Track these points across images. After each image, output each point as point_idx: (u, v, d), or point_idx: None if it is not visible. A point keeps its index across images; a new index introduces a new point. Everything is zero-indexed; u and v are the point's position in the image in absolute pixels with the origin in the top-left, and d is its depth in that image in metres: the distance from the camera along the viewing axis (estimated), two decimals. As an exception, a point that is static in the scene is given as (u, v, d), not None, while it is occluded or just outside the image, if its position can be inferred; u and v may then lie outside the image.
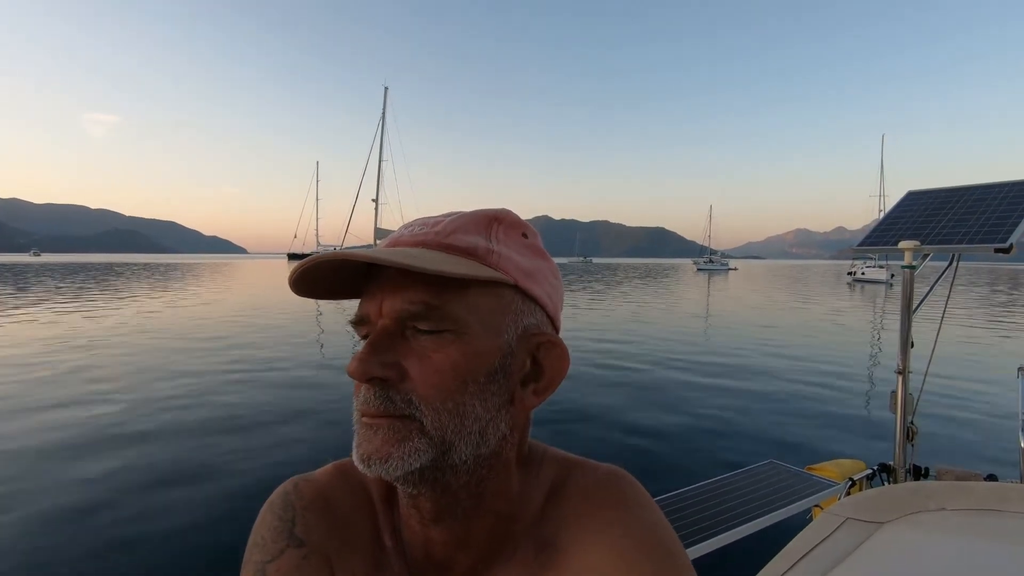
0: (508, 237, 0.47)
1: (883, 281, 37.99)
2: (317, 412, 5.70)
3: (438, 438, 0.41)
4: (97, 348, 9.29)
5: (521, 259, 0.46)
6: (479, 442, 0.43)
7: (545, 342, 0.46)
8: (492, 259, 0.44)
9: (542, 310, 0.47)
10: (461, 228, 0.45)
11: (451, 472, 0.43)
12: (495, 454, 0.45)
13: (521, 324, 0.45)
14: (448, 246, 0.44)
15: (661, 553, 0.43)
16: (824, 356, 9.37)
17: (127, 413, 5.58)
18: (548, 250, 0.51)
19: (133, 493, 3.72)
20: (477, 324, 0.42)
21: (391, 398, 0.41)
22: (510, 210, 0.50)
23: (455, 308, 0.41)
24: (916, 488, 1.19)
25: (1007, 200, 2.50)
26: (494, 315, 0.43)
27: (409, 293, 0.41)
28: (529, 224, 0.51)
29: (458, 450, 0.42)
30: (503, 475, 0.47)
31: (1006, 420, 5.43)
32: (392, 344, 0.42)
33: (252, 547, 0.47)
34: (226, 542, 3.06)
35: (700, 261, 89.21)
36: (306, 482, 0.52)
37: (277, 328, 12.21)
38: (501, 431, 0.45)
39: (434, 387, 0.41)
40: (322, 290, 0.46)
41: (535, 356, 0.46)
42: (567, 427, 5.28)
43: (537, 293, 0.46)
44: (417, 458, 0.41)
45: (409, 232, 0.46)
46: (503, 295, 0.44)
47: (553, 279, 0.49)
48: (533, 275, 0.47)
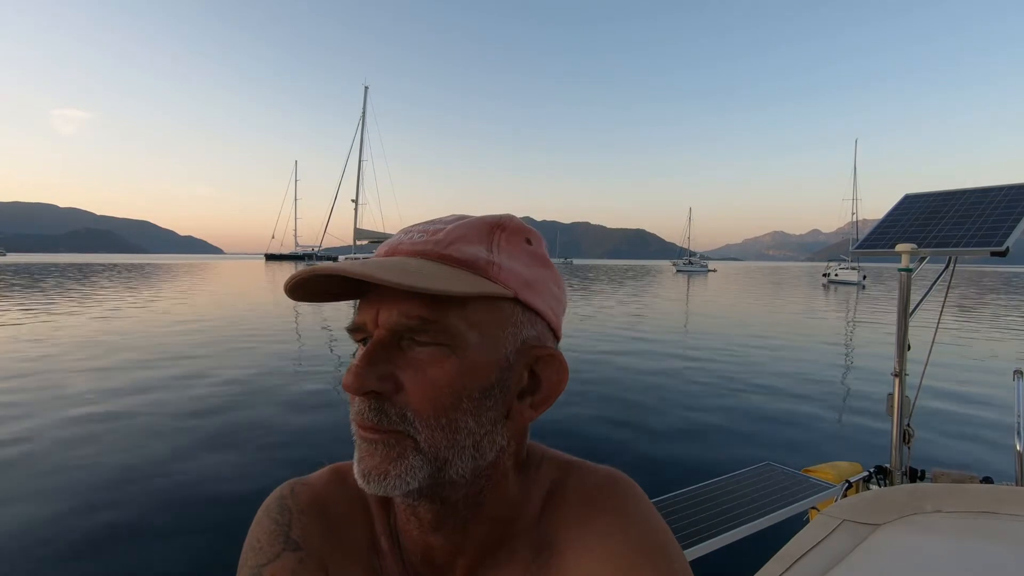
0: (511, 245, 0.46)
1: (855, 283, 39.64)
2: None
3: (432, 455, 0.41)
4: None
5: (523, 269, 0.45)
6: (474, 456, 0.43)
7: (544, 356, 0.45)
8: (492, 271, 0.43)
9: (543, 321, 0.46)
10: (462, 237, 0.44)
11: (450, 487, 0.43)
12: (492, 465, 0.45)
13: (520, 336, 0.44)
14: (447, 257, 0.43)
15: (659, 556, 0.43)
16: (824, 357, 9.39)
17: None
18: None
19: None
20: (475, 338, 0.42)
21: (386, 412, 0.41)
22: (513, 215, 0.49)
23: (452, 322, 0.41)
24: (912, 490, 1.19)
25: (1003, 204, 2.51)
26: (493, 329, 0.43)
27: (406, 306, 0.41)
28: (533, 229, 0.50)
29: (454, 465, 0.42)
30: (501, 483, 0.47)
31: (1002, 423, 5.44)
32: (388, 355, 0.42)
33: (248, 551, 0.47)
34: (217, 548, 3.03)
35: (679, 263, 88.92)
36: (302, 486, 0.52)
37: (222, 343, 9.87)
38: (498, 444, 0.44)
39: (429, 402, 0.41)
40: (318, 296, 0.45)
41: (533, 369, 0.46)
42: (564, 428, 5.28)
43: (538, 304, 0.46)
44: (414, 476, 0.41)
45: (409, 239, 0.45)
46: (503, 308, 0.44)
47: (555, 288, 0.48)
48: (534, 286, 0.46)
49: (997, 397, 6.51)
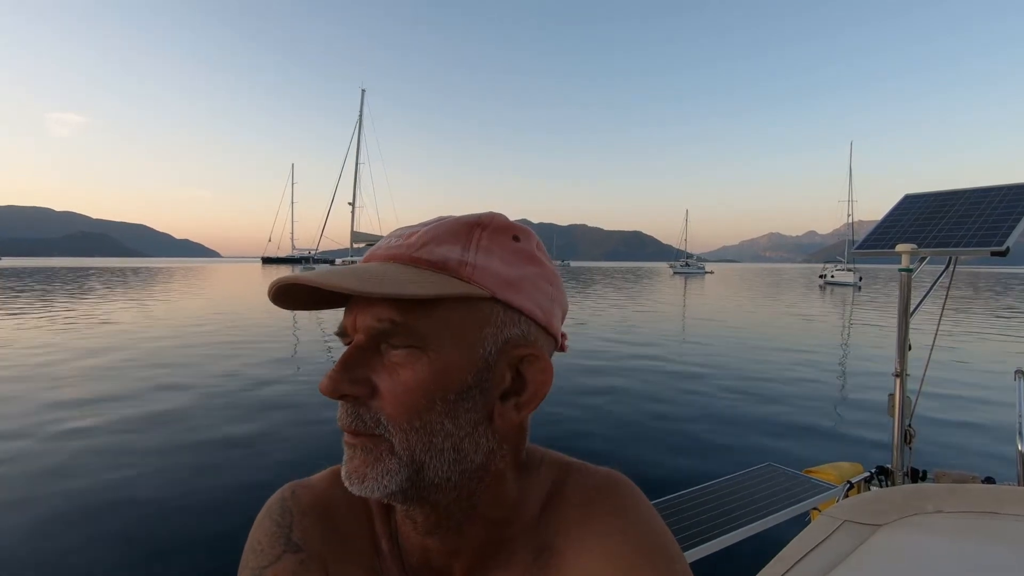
0: (493, 243, 0.45)
1: (851, 284, 40.23)
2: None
3: (408, 458, 0.41)
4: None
5: (504, 268, 0.44)
6: (455, 459, 0.42)
7: (527, 355, 0.44)
8: (465, 271, 0.43)
9: (529, 320, 0.45)
10: (435, 239, 0.44)
11: (434, 490, 0.43)
12: (483, 467, 0.45)
13: (502, 337, 0.44)
14: (418, 260, 0.43)
15: (659, 557, 0.43)
16: (824, 357, 9.39)
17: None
18: None
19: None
20: (448, 340, 0.41)
21: (361, 416, 0.41)
22: (499, 214, 0.48)
23: (423, 324, 0.41)
24: (913, 491, 1.19)
25: (1003, 203, 2.51)
26: (468, 330, 0.42)
27: (376, 310, 0.41)
28: (523, 227, 0.48)
29: (432, 468, 0.42)
30: (496, 486, 0.46)
31: (1004, 423, 5.44)
32: (364, 360, 0.42)
33: (249, 552, 0.47)
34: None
35: (676, 265, 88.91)
36: (303, 488, 0.52)
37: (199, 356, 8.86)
38: (483, 446, 0.44)
39: (402, 405, 0.41)
40: (304, 304, 0.46)
41: (519, 369, 0.45)
42: (561, 429, 5.28)
43: (521, 303, 0.44)
44: (391, 479, 0.41)
45: (386, 244, 0.45)
46: (479, 308, 0.43)
47: (547, 285, 0.47)
48: (517, 284, 0.44)
49: (998, 397, 6.50)
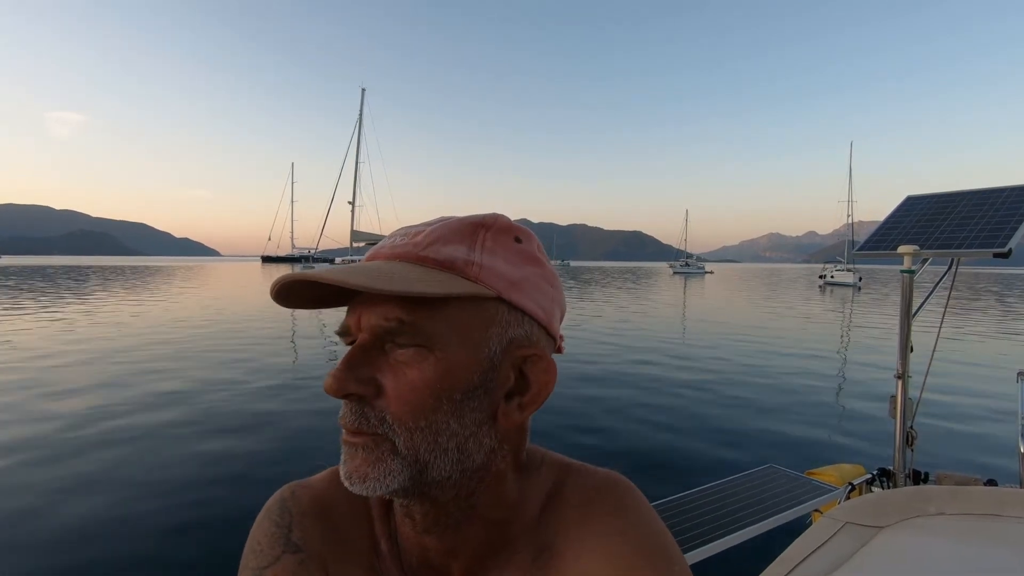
0: (497, 244, 0.45)
1: (851, 284, 40.26)
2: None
3: (411, 458, 0.41)
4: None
5: (508, 268, 0.45)
6: (458, 458, 0.43)
7: (531, 355, 0.45)
8: (472, 271, 0.43)
9: (532, 320, 0.46)
10: (441, 239, 0.44)
11: (436, 488, 0.43)
12: (484, 467, 0.45)
13: (507, 336, 0.44)
14: (425, 259, 0.43)
15: (659, 557, 0.43)
16: (825, 358, 9.37)
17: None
18: None
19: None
20: (455, 339, 0.41)
21: (366, 415, 0.41)
22: (501, 214, 0.48)
23: (431, 324, 0.41)
24: (915, 493, 1.19)
25: (1006, 205, 2.50)
26: (474, 329, 0.42)
27: (383, 309, 0.41)
28: (524, 228, 0.49)
29: (435, 468, 0.42)
30: (496, 486, 0.46)
31: (1006, 425, 5.42)
32: (369, 359, 0.42)
33: (248, 553, 0.47)
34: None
35: (676, 264, 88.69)
36: (303, 488, 0.52)
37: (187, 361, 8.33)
38: (486, 445, 0.44)
39: (407, 404, 0.41)
40: (306, 303, 0.46)
41: (522, 370, 0.45)
42: (560, 430, 5.28)
43: (525, 303, 0.45)
44: (393, 479, 0.41)
45: (391, 243, 0.45)
46: (486, 308, 0.43)
47: (547, 286, 0.47)
48: (520, 284, 0.45)
49: (1001, 399, 6.48)
